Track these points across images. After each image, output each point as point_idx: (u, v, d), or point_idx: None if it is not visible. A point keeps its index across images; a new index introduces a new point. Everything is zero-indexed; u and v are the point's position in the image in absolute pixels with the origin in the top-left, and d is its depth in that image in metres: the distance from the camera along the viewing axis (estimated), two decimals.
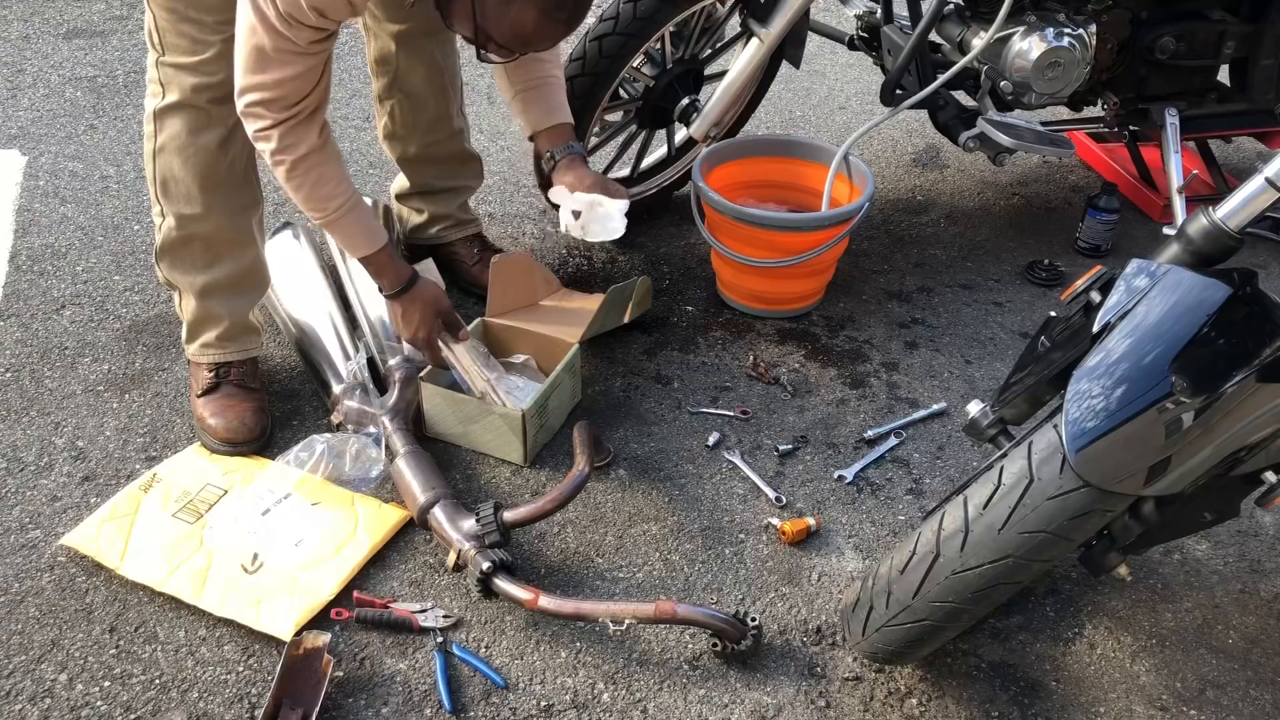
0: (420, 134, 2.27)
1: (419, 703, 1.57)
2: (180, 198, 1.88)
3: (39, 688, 1.57)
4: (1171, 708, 1.62)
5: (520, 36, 1.60)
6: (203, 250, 1.93)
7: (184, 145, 1.83)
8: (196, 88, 1.79)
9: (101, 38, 3.48)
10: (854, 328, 2.38)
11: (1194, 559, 1.86)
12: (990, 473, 1.42)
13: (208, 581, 1.71)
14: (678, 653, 1.66)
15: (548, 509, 1.73)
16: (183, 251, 1.94)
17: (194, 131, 1.82)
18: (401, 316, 1.93)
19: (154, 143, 1.85)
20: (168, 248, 1.94)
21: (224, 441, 1.95)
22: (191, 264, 1.95)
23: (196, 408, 1.99)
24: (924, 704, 1.60)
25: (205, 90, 1.79)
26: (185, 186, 1.87)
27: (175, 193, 1.87)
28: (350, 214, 1.79)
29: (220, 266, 1.96)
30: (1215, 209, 1.35)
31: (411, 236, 2.44)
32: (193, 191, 1.87)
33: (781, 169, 2.50)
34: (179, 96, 1.80)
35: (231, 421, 1.96)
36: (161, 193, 1.88)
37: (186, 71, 1.77)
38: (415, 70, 2.17)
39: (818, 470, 2.00)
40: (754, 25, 2.32)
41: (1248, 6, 2.48)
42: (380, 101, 2.25)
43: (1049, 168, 3.04)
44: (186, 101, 1.80)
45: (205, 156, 1.85)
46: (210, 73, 1.77)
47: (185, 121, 1.82)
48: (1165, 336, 1.27)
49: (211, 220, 1.90)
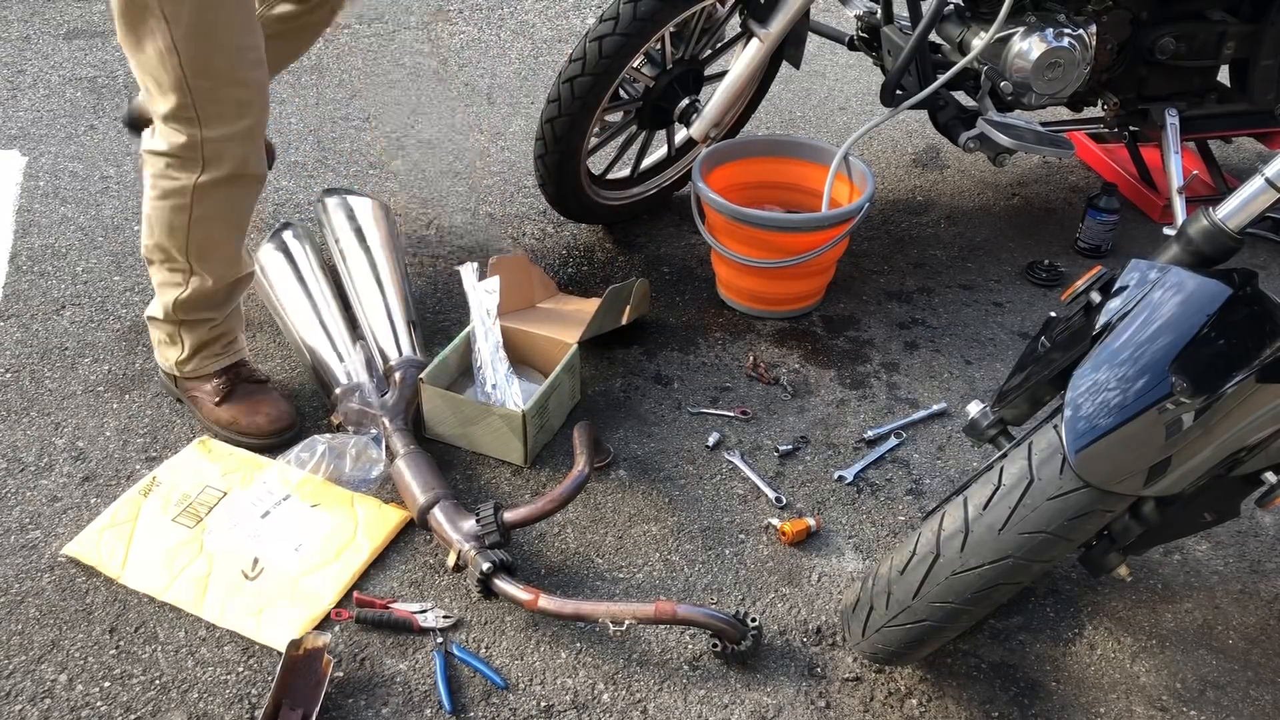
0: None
1: (419, 703, 1.57)
2: (221, 260, 1.86)
3: (39, 688, 1.57)
4: (1171, 708, 1.62)
5: None
6: (227, 292, 1.93)
7: (228, 213, 1.80)
8: (248, 157, 1.72)
9: (101, 38, 3.48)
10: (854, 328, 2.38)
11: (1194, 559, 1.86)
12: (990, 473, 1.43)
13: (208, 590, 1.71)
14: (678, 653, 1.66)
15: (548, 509, 1.73)
16: (209, 299, 1.91)
17: (239, 197, 1.79)
18: None
19: (189, 215, 1.77)
20: (194, 302, 1.89)
21: (273, 435, 1.96)
22: (214, 306, 1.93)
23: (220, 416, 1.98)
24: (924, 704, 1.60)
25: (255, 155, 1.73)
26: (226, 249, 1.85)
27: (214, 256, 1.85)
28: None
29: (236, 295, 1.98)
30: (1215, 209, 1.35)
31: None
32: (234, 252, 1.87)
33: (781, 170, 2.50)
34: (232, 170, 1.73)
35: (271, 414, 1.97)
36: (196, 257, 1.83)
37: (237, 142, 1.70)
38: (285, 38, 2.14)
39: (818, 471, 2.00)
40: (754, 25, 2.32)
41: (1248, 7, 2.48)
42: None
43: (1049, 168, 3.04)
44: (241, 173, 1.74)
45: (245, 215, 1.83)
46: (261, 129, 1.73)
47: (230, 189, 1.76)
48: (1165, 337, 1.27)
49: (242, 263, 1.92)
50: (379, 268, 2.22)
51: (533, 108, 3.19)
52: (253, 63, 1.69)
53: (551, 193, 2.44)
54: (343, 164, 2.90)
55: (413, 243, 2.58)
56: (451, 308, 2.38)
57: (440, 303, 2.40)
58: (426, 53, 3.52)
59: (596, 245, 2.61)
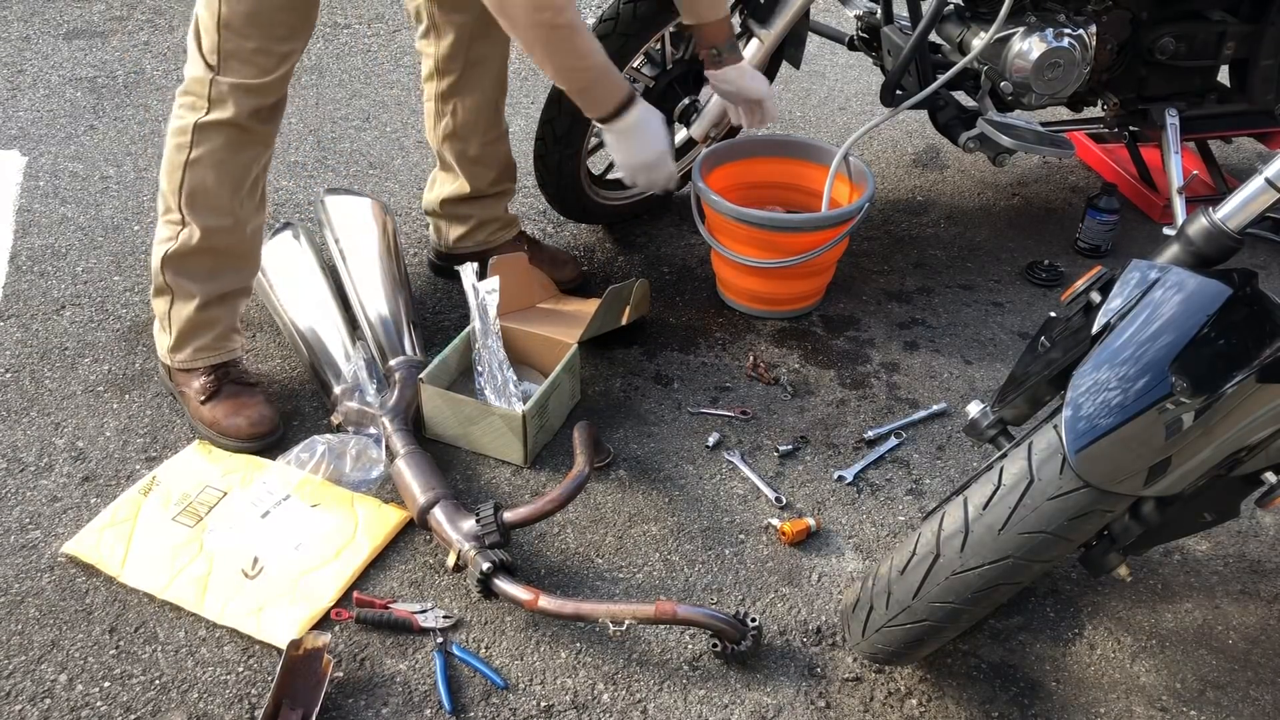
0: (481, 133, 2.23)
1: (419, 703, 1.57)
2: (209, 210, 1.88)
3: (39, 688, 1.57)
4: (1171, 708, 1.62)
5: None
6: (213, 261, 1.94)
7: (223, 160, 1.84)
8: (254, 110, 1.81)
9: (101, 38, 3.48)
10: (854, 328, 2.38)
11: (1194, 559, 1.86)
12: (990, 473, 1.42)
13: (208, 589, 1.70)
14: (678, 653, 1.66)
15: (548, 509, 1.73)
16: (195, 261, 1.93)
17: (235, 148, 1.84)
18: (640, 134, 1.88)
19: (188, 154, 1.84)
20: (181, 256, 1.92)
21: (251, 439, 1.96)
22: (199, 273, 1.94)
23: (204, 415, 1.98)
24: (924, 704, 1.60)
25: (260, 112, 1.82)
26: (217, 199, 1.87)
27: (204, 205, 1.87)
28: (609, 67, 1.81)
29: (225, 277, 1.97)
30: (1215, 209, 1.35)
31: (455, 247, 2.38)
32: (223, 204, 1.88)
33: (781, 170, 2.50)
34: (230, 115, 1.80)
35: (253, 416, 1.96)
36: (188, 203, 1.87)
37: (247, 93, 1.79)
38: (485, 64, 2.14)
39: (818, 471, 2.00)
40: (754, 25, 2.32)
41: (1248, 7, 2.48)
42: (443, 101, 2.19)
43: (1049, 168, 3.04)
44: (236, 121, 1.81)
45: (240, 172, 1.87)
46: (270, 94, 1.81)
47: (229, 138, 1.82)
48: (1165, 337, 1.27)
49: (235, 233, 1.92)
50: (379, 268, 2.22)
51: (533, 108, 3.19)
52: (282, 38, 1.77)
53: (551, 193, 2.44)
54: (343, 164, 2.90)
55: (412, 243, 2.58)
56: (451, 308, 2.38)
57: (440, 303, 2.40)
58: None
59: (596, 245, 2.61)
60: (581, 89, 1.81)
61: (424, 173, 2.85)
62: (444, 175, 2.33)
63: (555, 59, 1.74)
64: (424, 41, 2.15)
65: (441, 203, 2.34)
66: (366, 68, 3.41)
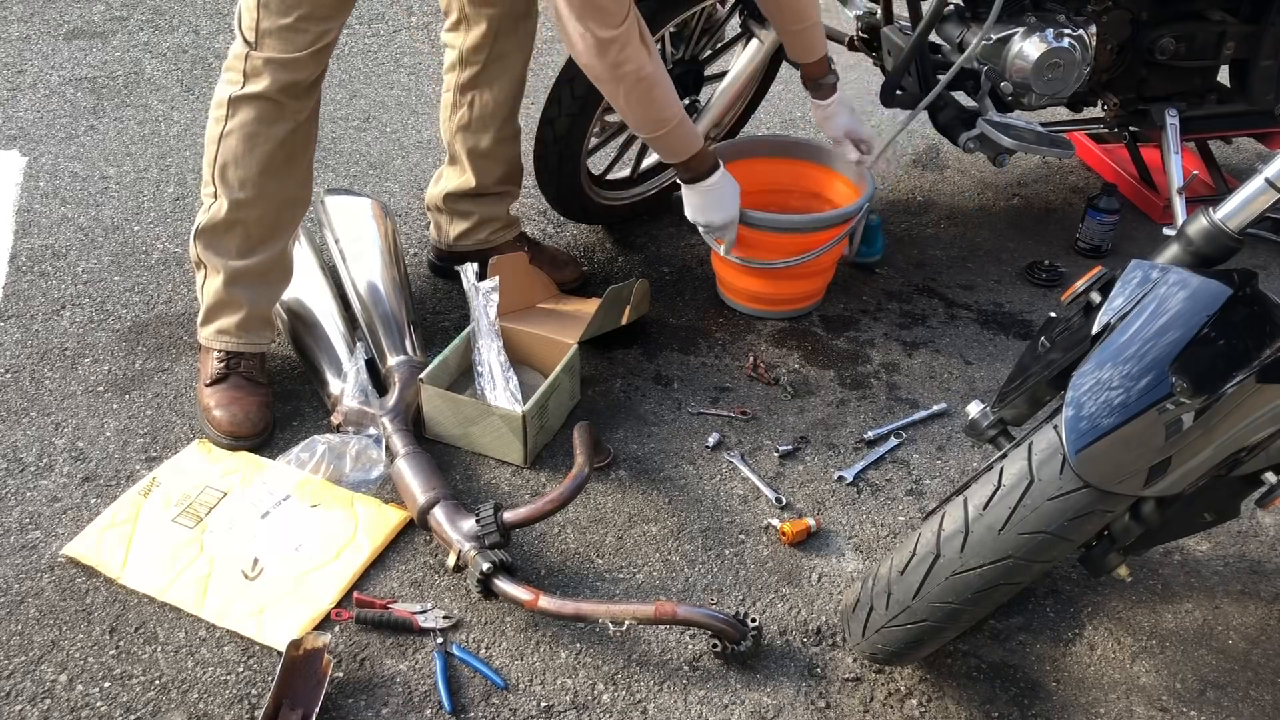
0: (496, 128, 2.25)
1: (419, 703, 1.57)
2: (237, 183, 1.91)
3: (39, 688, 1.57)
4: (1171, 708, 1.62)
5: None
6: (243, 237, 1.96)
7: (253, 134, 1.88)
8: (286, 85, 1.85)
9: (101, 38, 3.48)
10: (854, 328, 2.38)
11: (1194, 559, 1.86)
12: (990, 473, 1.42)
13: (209, 591, 1.70)
14: (678, 654, 1.66)
15: (548, 510, 1.73)
16: (225, 235, 1.96)
17: (266, 122, 1.87)
18: (714, 197, 2.05)
19: (223, 126, 1.89)
20: (211, 229, 1.97)
21: (227, 435, 1.96)
22: (229, 248, 1.97)
23: (203, 396, 2.01)
24: (924, 705, 1.60)
25: (292, 87, 1.85)
26: (245, 173, 1.91)
27: (233, 178, 1.91)
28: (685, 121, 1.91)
29: (255, 255, 1.98)
30: (1215, 210, 1.35)
31: (455, 245, 2.39)
32: (251, 178, 1.91)
33: (782, 170, 2.50)
34: (262, 88, 1.85)
35: (237, 415, 1.96)
36: (219, 176, 1.92)
37: (280, 68, 1.83)
38: (508, 60, 2.17)
39: (818, 471, 2.00)
40: (754, 25, 2.32)
41: (1248, 7, 2.48)
42: (461, 93, 2.21)
43: (1049, 168, 3.04)
44: (268, 94, 1.85)
45: (270, 146, 1.89)
46: (302, 70, 1.85)
47: (259, 111, 1.87)
48: (1165, 337, 1.27)
49: (260, 208, 1.94)
50: (379, 268, 2.22)
51: (533, 108, 3.18)
52: (318, 18, 1.81)
53: (551, 193, 2.44)
54: (343, 164, 2.90)
55: (413, 243, 2.58)
56: (451, 308, 2.38)
57: (440, 303, 2.40)
58: (426, 53, 3.52)
59: (596, 245, 2.61)
60: (659, 137, 1.91)
61: (424, 173, 2.85)
62: (450, 170, 2.33)
63: (635, 109, 1.85)
64: (452, 34, 2.17)
65: (445, 197, 2.35)
66: (366, 68, 3.41)
